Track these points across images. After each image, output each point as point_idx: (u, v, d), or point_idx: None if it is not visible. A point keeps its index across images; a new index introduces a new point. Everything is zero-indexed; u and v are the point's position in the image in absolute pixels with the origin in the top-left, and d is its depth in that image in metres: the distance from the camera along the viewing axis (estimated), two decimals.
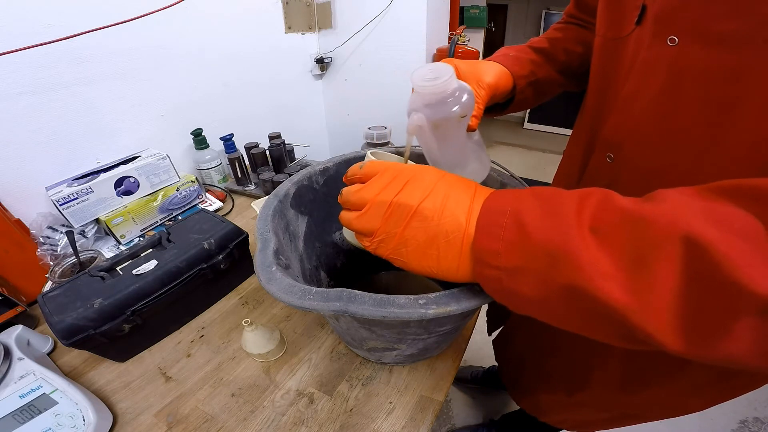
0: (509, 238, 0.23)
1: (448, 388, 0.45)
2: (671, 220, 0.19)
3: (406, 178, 0.27)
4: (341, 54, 1.18)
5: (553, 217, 0.22)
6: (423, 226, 0.25)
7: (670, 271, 0.18)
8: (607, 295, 0.19)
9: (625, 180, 0.36)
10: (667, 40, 0.30)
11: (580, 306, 0.21)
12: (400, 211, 0.26)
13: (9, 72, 0.59)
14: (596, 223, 0.21)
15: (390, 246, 0.27)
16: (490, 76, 0.40)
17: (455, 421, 1.13)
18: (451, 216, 0.25)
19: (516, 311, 0.25)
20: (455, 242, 0.25)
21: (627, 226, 0.20)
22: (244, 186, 0.90)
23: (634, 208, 0.20)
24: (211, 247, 0.54)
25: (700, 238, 0.17)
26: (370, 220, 0.27)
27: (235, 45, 0.95)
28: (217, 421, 0.42)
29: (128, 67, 0.75)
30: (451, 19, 1.26)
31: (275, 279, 0.30)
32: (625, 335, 0.20)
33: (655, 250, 0.18)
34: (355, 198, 0.28)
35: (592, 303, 0.20)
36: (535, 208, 0.23)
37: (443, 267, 0.26)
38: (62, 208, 0.63)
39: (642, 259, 0.19)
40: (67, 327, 0.42)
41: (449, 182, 0.27)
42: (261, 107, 1.09)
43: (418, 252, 0.26)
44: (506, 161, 2.43)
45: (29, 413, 0.38)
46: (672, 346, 0.19)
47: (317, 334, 0.52)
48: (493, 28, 4.18)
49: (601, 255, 0.20)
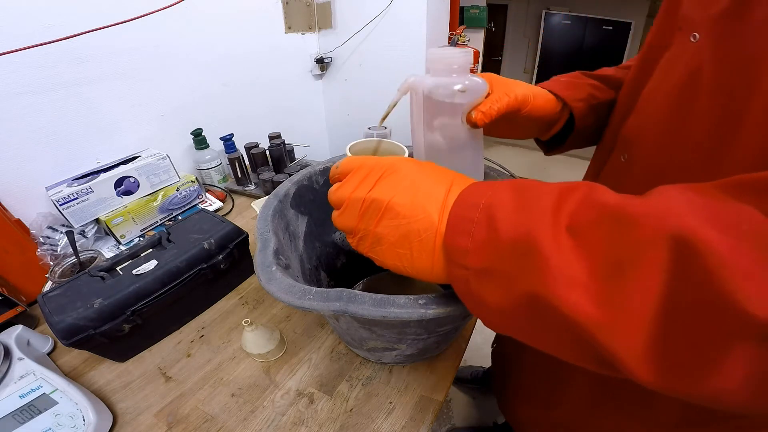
0: (479, 236, 0.21)
1: (448, 388, 0.45)
2: (660, 216, 0.16)
3: (380, 173, 0.26)
4: (341, 54, 1.18)
5: (526, 213, 0.20)
6: (395, 223, 0.24)
7: (651, 279, 0.15)
8: (571, 307, 0.16)
9: (635, 181, 0.34)
10: (690, 37, 0.29)
11: (542, 318, 0.18)
12: (373, 207, 0.25)
13: (9, 72, 0.59)
14: (574, 221, 0.18)
15: (367, 244, 0.26)
16: (522, 89, 0.37)
17: (455, 421, 1.13)
18: (422, 212, 0.23)
19: (485, 323, 0.23)
20: (428, 241, 0.23)
21: (607, 224, 0.17)
22: (244, 186, 0.90)
23: (619, 203, 0.17)
24: (211, 247, 0.54)
25: (693, 238, 0.14)
26: (348, 218, 0.26)
27: (235, 45, 0.95)
28: (217, 421, 0.42)
29: (128, 67, 0.75)
30: (451, 19, 1.26)
31: (275, 279, 0.30)
32: (594, 357, 0.18)
33: (636, 253, 0.16)
34: (334, 197, 0.27)
35: (554, 315, 0.17)
36: (510, 202, 0.21)
37: (417, 266, 0.25)
38: (62, 208, 0.63)
39: (620, 265, 0.16)
40: (67, 327, 0.42)
41: (424, 174, 0.25)
42: (261, 107, 1.09)
43: (391, 251, 0.25)
44: (506, 161, 2.43)
45: (29, 413, 0.38)
46: (641, 375, 0.16)
47: (317, 334, 0.52)
48: (493, 28, 4.19)
49: (574, 258, 0.17)
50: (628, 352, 0.15)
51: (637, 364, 0.15)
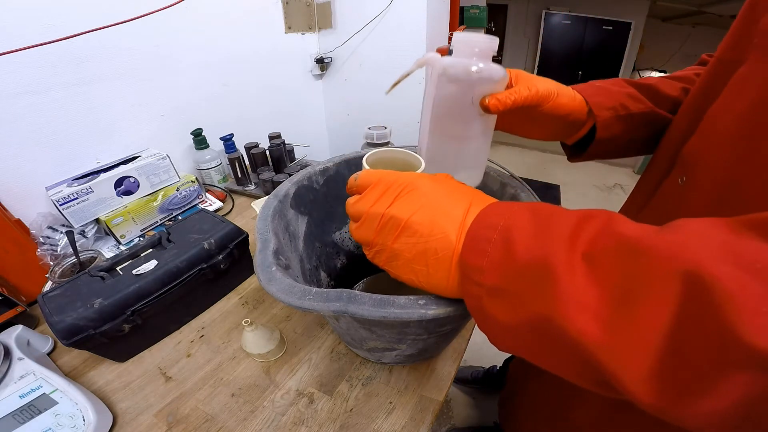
0: (495, 256, 0.22)
1: (448, 388, 0.45)
2: (676, 253, 0.16)
3: (399, 189, 0.26)
4: (341, 54, 1.18)
5: (543, 237, 0.20)
6: (412, 241, 0.25)
7: (660, 311, 0.15)
8: (579, 330, 0.17)
9: (692, 205, 0.32)
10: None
11: (549, 338, 0.19)
12: (391, 224, 0.25)
13: (9, 72, 0.59)
14: (591, 249, 0.19)
15: (383, 257, 0.27)
16: (545, 84, 0.35)
17: (455, 421, 1.13)
18: (441, 232, 0.24)
19: (491, 340, 0.24)
20: (444, 259, 0.24)
21: (623, 255, 0.18)
22: (244, 186, 0.90)
23: (637, 236, 0.18)
24: (211, 247, 0.54)
25: (706, 275, 0.14)
26: (365, 232, 0.27)
27: (235, 45, 0.95)
28: (217, 421, 0.42)
29: (128, 67, 0.75)
30: (451, 19, 1.26)
31: (275, 279, 0.30)
32: (595, 379, 0.18)
33: (648, 285, 0.16)
34: (353, 210, 0.28)
35: (561, 336, 0.18)
36: (527, 225, 0.21)
37: (432, 282, 0.25)
38: (62, 208, 0.63)
39: (631, 295, 0.16)
40: (67, 327, 0.42)
41: (444, 192, 0.26)
42: (261, 107, 1.09)
43: (407, 266, 0.26)
44: (506, 161, 2.43)
45: (29, 413, 0.38)
46: (641, 398, 0.16)
47: (317, 334, 0.52)
48: (493, 28, 4.19)
49: (587, 284, 0.18)
50: (629, 375, 0.16)
51: (637, 387, 0.16)
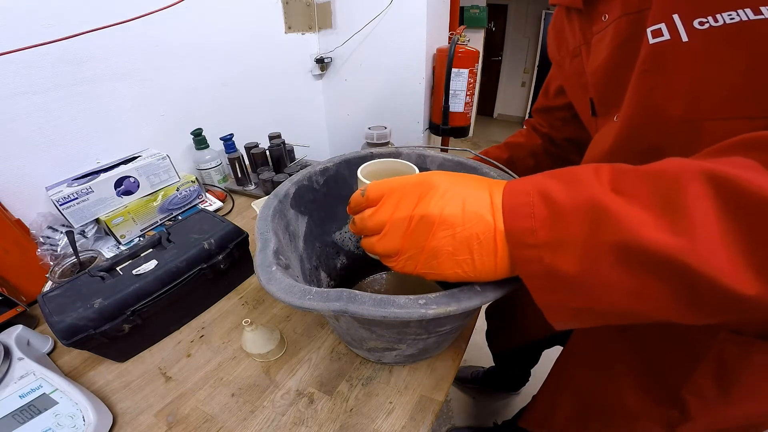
0: (540, 213, 0.22)
1: (448, 388, 0.45)
2: (684, 166, 0.19)
3: (418, 191, 0.26)
4: (341, 54, 1.18)
5: (576, 185, 0.22)
6: (450, 233, 0.25)
7: (704, 204, 0.18)
8: (657, 242, 0.18)
9: None
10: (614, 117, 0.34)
11: (632, 264, 0.20)
12: (423, 223, 0.25)
13: (9, 72, 0.59)
14: (617, 184, 0.21)
15: (419, 261, 0.26)
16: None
17: (455, 421, 1.13)
18: (476, 217, 0.24)
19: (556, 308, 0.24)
20: (488, 242, 0.24)
21: (646, 179, 0.20)
22: (244, 186, 0.90)
23: (645, 166, 0.21)
24: (211, 247, 0.54)
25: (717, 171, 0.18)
26: (391, 240, 0.27)
27: (235, 45, 0.95)
28: (217, 421, 0.42)
29: (128, 67, 0.75)
30: (451, 19, 1.26)
31: (275, 279, 0.30)
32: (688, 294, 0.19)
33: (681, 191, 0.18)
34: (372, 223, 0.28)
35: (644, 256, 0.19)
36: (555, 183, 0.23)
37: (480, 269, 0.25)
38: (62, 208, 0.63)
39: (674, 203, 0.19)
40: (67, 327, 0.42)
41: (463, 184, 0.27)
42: (261, 107, 1.09)
43: (450, 260, 0.25)
44: None
45: (29, 413, 0.38)
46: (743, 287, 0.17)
47: (317, 334, 0.52)
48: (493, 28, 4.19)
49: (635, 209, 0.19)
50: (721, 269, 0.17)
51: (736, 279, 0.17)
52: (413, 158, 0.52)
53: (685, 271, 0.18)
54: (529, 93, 4.40)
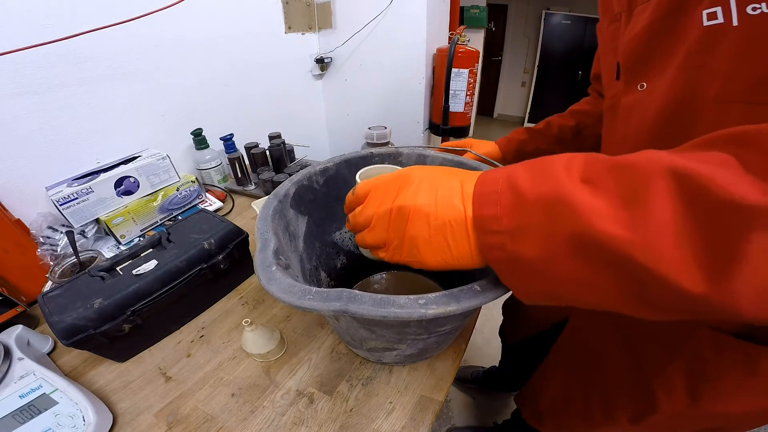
0: (506, 201, 0.23)
1: (448, 388, 0.45)
2: (653, 160, 0.19)
3: (398, 184, 0.28)
4: (341, 54, 1.18)
5: (544, 175, 0.22)
6: (424, 222, 0.26)
7: (664, 200, 0.18)
8: (609, 235, 0.19)
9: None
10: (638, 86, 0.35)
11: (586, 255, 0.20)
12: (401, 213, 0.27)
13: (9, 72, 0.59)
14: (586, 174, 0.21)
15: (404, 250, 0.28)
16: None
17: (455, 421, 1.13)
18: (447, 204, 0.26)
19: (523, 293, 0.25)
20: (460, 228, 0.25)
21: (615, 171, 0.20)
22: (244, 186, 0.90)
23: (618, 157, 0.21)
24: (211, 247, 0.54)
25: (683, 169, 0.18)
26: (379, 232, 0.28)
27: (235, 45, 0.95)
28: (217, 421, 0.42)
29: (128, 67, 0.75)
30: (451, 19, 1.26)
31: (275, 279, 0.30)
32: (637, 289, 0.19)
33: (644, 185, 0.19)
34: (362, 218, 0.29)
35: (596, 247, 0.19)
36: (525, 172, 0.24)
37: (456, 255, 0.26)
38: (62, 208, 0.63)
39: (635, 197, 0.19)
40: (67, 327, 0.42)
41: (436, 175, 0.28)
42: (261, 107, 1.09)
43: (428, 247, 0.27)
44: None
45: (29, 413, 0.38)
46: (690, 286, 0.17)
47: (317, 334, 0.52)
48: (493, 28, 4.19)
49: (597, 200, 0.20)
50: (669, 265, 0.17)
51: (682, 277, 0.17)
52: (413, 158, 0.52)
53: (633, 265, 0.18)
54: (529, 93, 4.40)
